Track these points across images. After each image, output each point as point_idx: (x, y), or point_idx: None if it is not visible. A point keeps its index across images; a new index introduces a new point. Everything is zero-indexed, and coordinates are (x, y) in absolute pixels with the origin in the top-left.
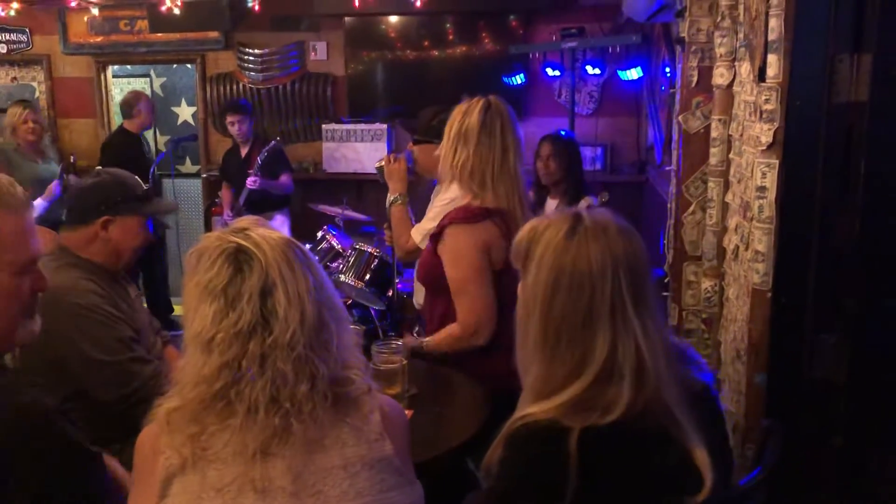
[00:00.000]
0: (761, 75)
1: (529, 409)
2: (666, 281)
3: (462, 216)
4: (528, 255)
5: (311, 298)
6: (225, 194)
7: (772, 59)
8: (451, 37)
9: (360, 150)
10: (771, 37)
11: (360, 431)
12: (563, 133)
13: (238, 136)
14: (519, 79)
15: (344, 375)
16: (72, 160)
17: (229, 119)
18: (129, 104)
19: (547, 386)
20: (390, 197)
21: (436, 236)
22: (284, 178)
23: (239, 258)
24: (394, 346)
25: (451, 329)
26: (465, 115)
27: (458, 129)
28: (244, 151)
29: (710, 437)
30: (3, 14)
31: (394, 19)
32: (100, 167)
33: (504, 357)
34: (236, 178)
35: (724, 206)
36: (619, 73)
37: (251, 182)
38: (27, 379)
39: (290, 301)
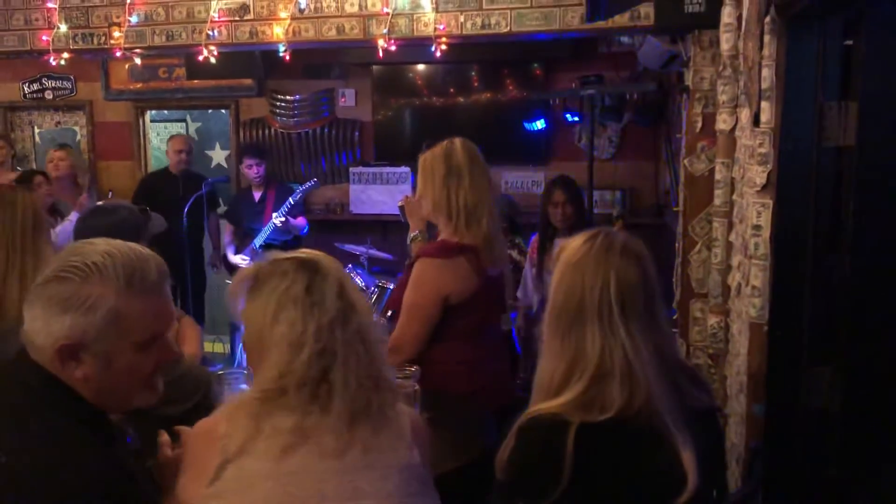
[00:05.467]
0: (756, 120)
1: (540, 405)
2: (675, 318)
3: (437, 251)
4: (558, 257)
5: (365, 298)
6: (229, 234)
7: (765, 105)
8: (475, 84)
9: (384, 192)
10: (764, 85)
11: (398, 437)
12: (566, 176)
13: (255, 179)
14: (540, 124)
15: (387, 371)
16: (109, 196)
17: (248, 162)
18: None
19: (549, 381)
20: (411, 234)
21: (409, 267)
22: (301, 219)
23: (309, 266)
24: (407, 371)
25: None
26: (447, 156)
27: (447, 171)
28: (258, 195)
29: (705, 454)
30: (53, 63)
31: (420, 68)
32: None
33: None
34: (249, 220)
35: (728, 246)
36: (636, 119)
37: (279, 222)
38: None
39: (358, 297)
